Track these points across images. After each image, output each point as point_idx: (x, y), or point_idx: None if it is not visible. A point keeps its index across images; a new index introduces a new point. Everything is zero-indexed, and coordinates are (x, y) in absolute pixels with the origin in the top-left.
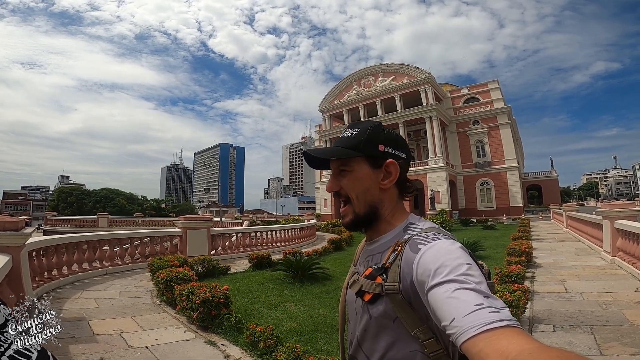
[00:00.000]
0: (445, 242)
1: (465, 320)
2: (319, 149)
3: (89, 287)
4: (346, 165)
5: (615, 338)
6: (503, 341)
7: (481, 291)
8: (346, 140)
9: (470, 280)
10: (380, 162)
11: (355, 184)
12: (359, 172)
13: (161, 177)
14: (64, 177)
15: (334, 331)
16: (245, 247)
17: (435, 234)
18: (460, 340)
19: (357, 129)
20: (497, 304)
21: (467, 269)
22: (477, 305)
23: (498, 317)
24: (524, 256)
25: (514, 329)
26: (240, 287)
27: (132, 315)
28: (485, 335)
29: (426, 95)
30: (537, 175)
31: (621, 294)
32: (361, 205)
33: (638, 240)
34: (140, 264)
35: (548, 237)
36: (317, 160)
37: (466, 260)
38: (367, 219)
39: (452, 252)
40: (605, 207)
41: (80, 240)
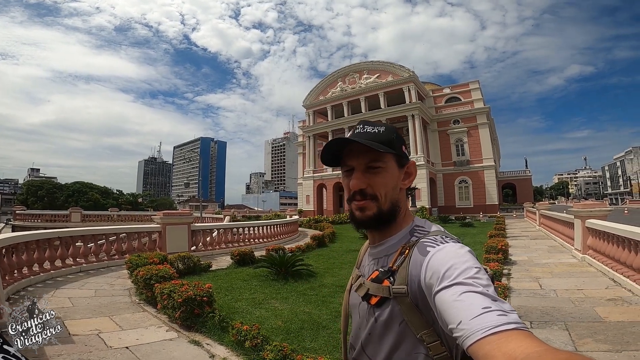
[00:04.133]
0: (454, 245)
1: (473, 323)
2: (358, 138)
3: (62, 285)
4: (380, 161)
5: (588, 334)
6: (511, 344)
7: (489, 294)
8: (376, 136)
9: (478, 284)
10: (404, 162)
11: (387, 182)
12: (391, 169)
13: (138, 171)
14: (34, 169)
15: (320, 329)
16: (227, 243)
17: (443, 237)
18: (467, 343)
19: (382, 127)
20: (504, 307)
21: (476, 272)
22: (484, 308)
23: (506, 320)
24: (501, 253)
25: (522, 331)
26: (223, 284)
27: (110, 315)
28: (492, 338)
29: (409, 93)
30: (512, 175)
31: (592, 291)
32: (387, 203)
33: (607, 238)
34: (117, 261)
35: (522, 234)
36: (335, 155)
37: (474, 263)
38: (389, 217)
39: (461, 255)
40: (577, 207)
41: (52, 237)
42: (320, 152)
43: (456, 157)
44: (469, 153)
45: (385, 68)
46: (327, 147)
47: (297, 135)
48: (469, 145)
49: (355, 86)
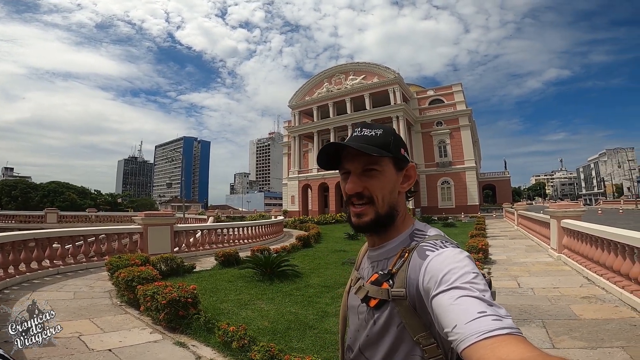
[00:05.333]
0: (453, 250)
1: (468, 327)
2: (354, 143)
3: (39, 287)
4: (377, 165)
5: (565, 332)
6: (504, 349)
7: (485, 299)
8: (373, 139)
9: (475, 288)
10: (403, 165)
11: (384, 185)
12: (388, 173)
13: (117, 171)
14: (7, 169)
15: (307, 329)
16: (210, 244)
17: (442, 241)
18: (461, 347)
19: (380, 130)
20: (500, 312)
21: (474, 277)
22: (480, 312)
23: (500, 325)
24: (481, 253)
25: (516, 336)
26: (208, 285)
27: (91, 317)
28: (486, 342)
29: (394, 95)
30: (492, 176)
31: (568, 289)
32: (385, 207)
33: (582, 238)
34: (96, 262)
35: (501, 234)
36: (332, 158)
37: (472, 268)
38: (387, 221)
39: (460, 260)
40: (553, 207)
41: (27, 238)
42: (317, 157)
43: (439, 158)
44: (452, 154)
45: (371, 69)
46: (322, 152)
47: (282, 136)
48: (451, 146)
49: (341, 87)
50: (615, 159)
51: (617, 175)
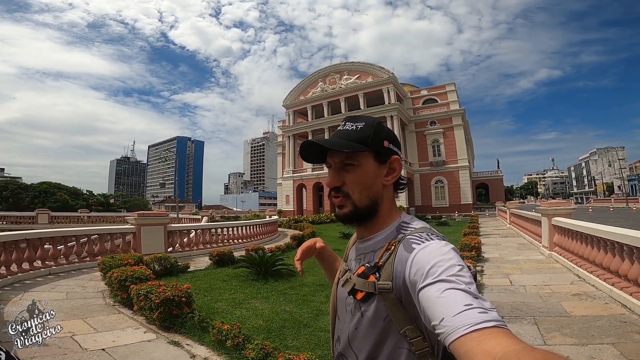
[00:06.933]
0: (438, 243)
1: (454, 320)
2: (324, 139)
3: (31, 288)
4: (353, 160)
5: (556, 329)
6: (490, 341)
7: (471, 292)
8: (351, 134)
9: (461, 281)
10: (385, 158)
11: (361, 180)
12: (365, 167)
13: (110, 171)
14: None
15: (302, 327)
16: (205, 244)
17: (429, 234)
18: (448, 340)
19: (362, 123)
20: (485, 305)
21: (459, 270)
22: (466, 305)
23: (486, 318)
24: (474, 251)
25: (501, 329)
26: (202, 285)
27: (83, 317)
28: (473, 335)
29: (388, 94)
30: (485, 175)
31: (559, 287)
32: (363, 200)
33: (572, 236)
34: (88, 263)
35: (494, 232)
36: (314, 152)
37: (458, 261)
38: (367, 213)
39: (445, 253)
40: (544, 205)
41: (18, 238)
42: (299, 153)
43: (433, 157)
44: (445, 154)
45: (365, 69)
46: (301, 151)
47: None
48: (444, 146)
49: (335, 86)
50: (606, 158)
51: (607, 174)
